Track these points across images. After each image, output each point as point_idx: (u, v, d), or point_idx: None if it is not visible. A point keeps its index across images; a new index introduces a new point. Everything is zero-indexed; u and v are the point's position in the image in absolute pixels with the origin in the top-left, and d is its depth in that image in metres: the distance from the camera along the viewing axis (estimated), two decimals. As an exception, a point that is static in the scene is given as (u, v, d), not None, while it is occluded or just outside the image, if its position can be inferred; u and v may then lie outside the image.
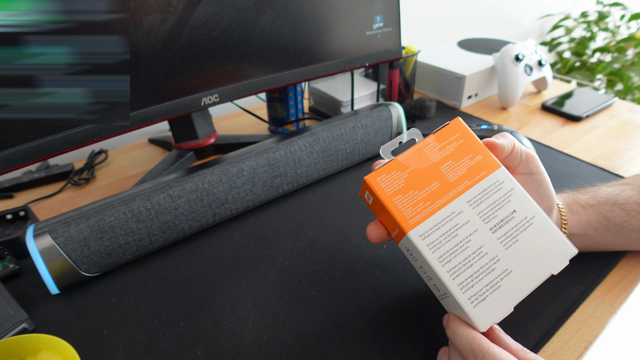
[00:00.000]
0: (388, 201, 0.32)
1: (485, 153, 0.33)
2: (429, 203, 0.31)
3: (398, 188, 0.32)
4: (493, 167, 0.32)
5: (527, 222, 0.31)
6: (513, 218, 0.31)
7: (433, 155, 0.33)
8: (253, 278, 0.42)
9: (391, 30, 0.62)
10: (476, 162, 0.32)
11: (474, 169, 0.32)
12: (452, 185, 0.32)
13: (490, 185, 0.32)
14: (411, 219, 0.31)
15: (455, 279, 0.29)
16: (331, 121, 0.55)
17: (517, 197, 0.32)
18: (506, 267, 0.30)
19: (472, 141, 0.33)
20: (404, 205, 0.31)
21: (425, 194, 0.32)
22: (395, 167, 0.33)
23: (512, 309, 0.29)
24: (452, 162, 0.33)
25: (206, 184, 0.45)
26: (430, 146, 0.33)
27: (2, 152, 0.39)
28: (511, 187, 0.32)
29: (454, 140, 0.33)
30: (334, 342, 0.35)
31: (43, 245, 0.38)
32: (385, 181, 0.32)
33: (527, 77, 0.73)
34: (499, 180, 0.32)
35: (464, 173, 0.32)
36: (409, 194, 0.32)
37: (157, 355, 0.35)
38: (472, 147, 0.33)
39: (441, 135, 0.34)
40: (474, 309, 0.29)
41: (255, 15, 0.50)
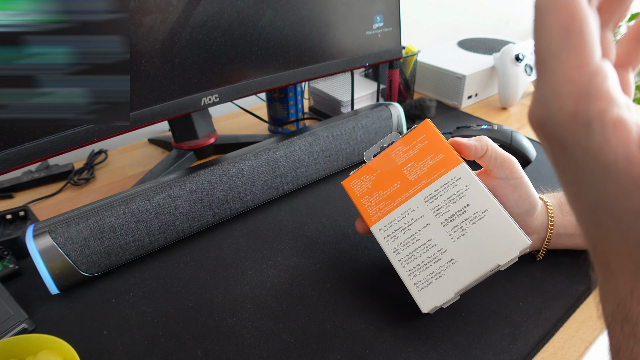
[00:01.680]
0: (357, 201, 0.37)
1: (447, 151, 0.35)
2: (389, 202, 0.36)
3: (366, 190, 0.37)
4: (452, 164, 0.34)
5: (478, 215, 0.33)
6: (465, 212, 0.33)
7: (398, 158, 0.36)
8: (253, 278, 0.42)
9: (391, 30, 0.62)
10: (437, 161, 0.35)
11: (434, 167, 0.35)
12: (412, 184, 0.35)
13: (447, 182, 0.34)
14: (374, 216, 0.36)
15: (405, 266, 0.34)
16: (331, 121, 0.55)
17: (472, 192, 0.33)
18: (452, 257, 0.33)
19: (436, 141, 0.35)
20: (369, 204, 0.37)
21: (387, 193, 0.36)
22: (365, 171, 0.38)
23: (453, 295, 0.32)
24: (414, 162, 0.36)
25: (206, 184, 0.45)
26: (397, 150, 0.37)
27: (2, 152, 0.39)
28: (467, 183, 0.34)
29: (418, 142, 0.36)
30: (334, 342, 0.35)
31: (43, 245, 0.38)
32: (356, 184, 0.38)
33: (527, 77, 0.73)
34: (456, 177, 0.34)
35: (423, 172, 0.35)
36: (374, 195, 0.37)
37: (157, 355, 0.35)
38: (435, 147, 0.35)
39: (407, 139, 0.37)
40: (418, 293, 0.33)
41: (255, 15, 0.50)
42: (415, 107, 0.72)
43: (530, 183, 0.36)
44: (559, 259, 0.40)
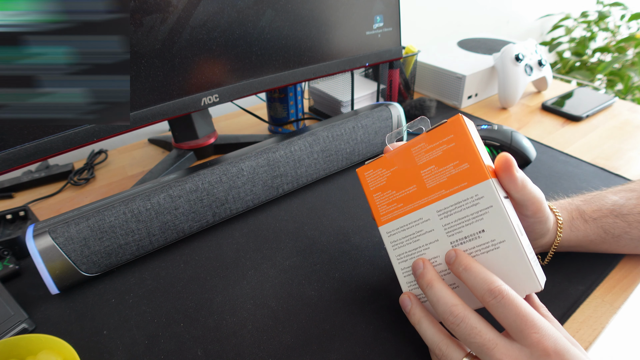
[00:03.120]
0: (370, 195, 0.35)
1: (475, 162, 0.29)
2: (401, 205, 0.33)
3: (380, 185, 0.34)
4: (476, 179, 0.29)
5: (492, 245, 0.29)
6: (479, 237, 0.29)
7: (419, 157, 0.32)
8: (253, 278, 0.42)
9: (391, 30, 0.62)
10: (460, 170, 0.30)
11: (455, 178, 0.30)
12: (428, 191, 0.31)
13: (466, 199, 0.29)
14: (383, 216, 0.34)
15: (406, 277, 0.33)
16: (331, 121, 0.55)
17: (491, 217, 0.29)
18: (454, 281, 0.31)
19: (464, 146, 0.30)
20: (381, 202, 0.34)
21: (400, 195, 0.33)
22: (382, 164, 0.34)
23: None
24: (435, 167, 0.31)
25: (206, 184, 0.45)
26: (419, 147, 0.32)
27: (2, 152, 0.39)
28: (489, 205, 0.29)
29: (444, 143, 0.30)
30: (334, 342, 0.35)
31: (43, 245, 0.38)
32: (371, 176, 0.35)
33: (527, 77, 0.73)
34: (478, 195, 0.29)
35: (443, 181, 0.30)
36: (387, 193, 0.33)
37: (157, 355, 0.35)
38: (461, 153, 0.30)
39: (432, 136, 0.31)
40: None
41: (255, 15, 0.50)
42: (415, 107, 0.72)
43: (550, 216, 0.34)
44: (559, 259, 0.40)
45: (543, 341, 0.24)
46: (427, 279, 0.30)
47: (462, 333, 0.27)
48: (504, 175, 0.30)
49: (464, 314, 0.27)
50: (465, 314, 0.27)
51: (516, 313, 0.25)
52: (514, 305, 0.25)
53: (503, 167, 0.29)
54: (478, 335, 0.26)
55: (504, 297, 0.26)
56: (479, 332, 0.26)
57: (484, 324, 0.27)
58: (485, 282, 0.27)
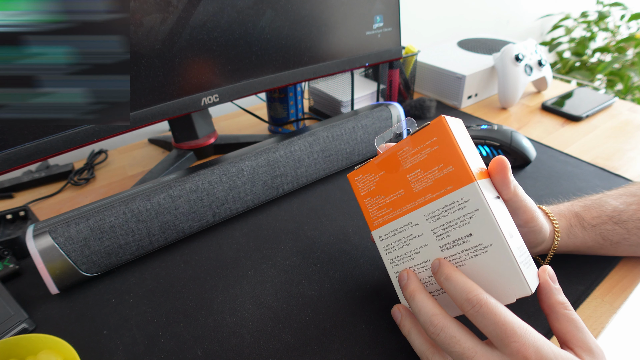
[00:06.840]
0: (361, 200, 0.35)
1: (459, 164, 0.29)
2: (391, 209, 0.33)
3: (369, 190, 0.34)
4: (462, 182, 0.29)
5: (480, 249, 0.28)
6: (467, 241, 0.29)
7: (405, 161, 0.32)
8: (253, 278, 0.42)
9: (391, 30, 0.62)
10: (445, 174, 0.29)
11: (441, 181, 0.30)
12: (415, 196, 0.31)
13: (452, 203, 0.29)
14: (375, 221, 0.34)
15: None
16: (331, 121, 0.55)
17: (478, 220, 0.28)
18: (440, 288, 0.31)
19: (448, 148, 0.29)
20: (371, 206, 0.34)
21: (389, 200, 0.33)
22: (370, 169, 0.34)
23: None
24: (421, 170, 0.31)
25: (206, 184, 0.45)
26: (404, 150, 0.32)
27: (2, 152, 0.39)
28: (475, 208, 0.28)
29: (428, 146, 0.30)
30: (334, 342, 0.35)
31: (43, 245, 0.38)
32: (361, 181, 0.35)
33: (527, 77, 0.73)
34: (464, 198, 0.28)
35: (429, 185, 0.30)
36: (377, 197, 0.34)
37: (157, 355, 0.35)
38: (445, 156, 0.29)
39: (416, 139, 0.31)
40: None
41: (255, 15, 0.50)
42: (415, 107, 0.72)
43: (545, 226, 0.34)
44: (558, 259, 0.40)
45: (523, 350, 0.24)
46: (410, 290, 0.30)
47: (442, 342, 0.27)
48: (497, 177, 0.30)
49: (443, 323, 0.27)
50: (445, 324, 0.27)
51: (495, 322, 0.25)
52: (492, 314, 0.25)
53: (498, 169, 0.30)
54: (457, 344, 0.26)
55: (482, 306, 0.26)
56: (457, 340, 0.26)
57: (464, 333, 0.27)
58: (464, 291, 0.27)
